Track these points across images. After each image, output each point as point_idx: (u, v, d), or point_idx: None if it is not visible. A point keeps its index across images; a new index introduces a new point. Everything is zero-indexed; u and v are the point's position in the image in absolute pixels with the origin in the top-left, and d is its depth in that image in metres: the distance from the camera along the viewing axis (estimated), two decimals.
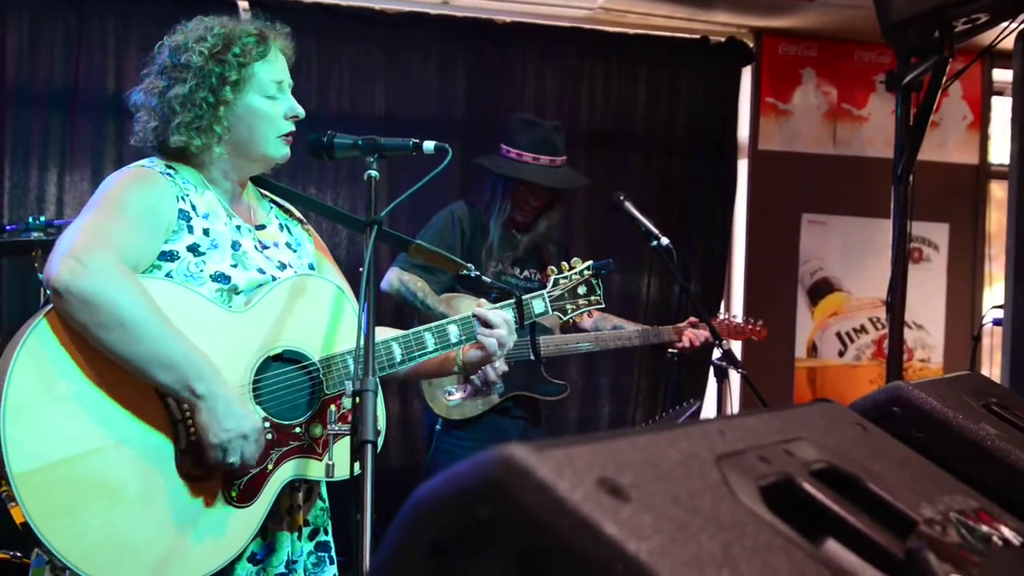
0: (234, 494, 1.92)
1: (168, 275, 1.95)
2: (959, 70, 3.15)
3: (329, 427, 1.96)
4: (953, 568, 0.74)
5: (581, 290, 2.46)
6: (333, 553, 2.18)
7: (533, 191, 3.65)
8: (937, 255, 5.61)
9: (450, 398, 3.53)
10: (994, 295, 5.50)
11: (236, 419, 1.86)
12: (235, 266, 2.02)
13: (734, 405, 4.29)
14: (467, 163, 4.78)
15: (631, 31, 5.21)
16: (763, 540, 0.67)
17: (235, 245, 2.05)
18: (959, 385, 1.47)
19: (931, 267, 5.60)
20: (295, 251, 2.20)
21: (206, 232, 2.01)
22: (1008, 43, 3.31)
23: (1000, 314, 4.26)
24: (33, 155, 4.49)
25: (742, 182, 5.42)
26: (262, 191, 2.28)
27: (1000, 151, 5.65)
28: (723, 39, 5.32)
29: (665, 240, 3.56)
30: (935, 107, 3.01)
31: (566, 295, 2.43)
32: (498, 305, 2.26)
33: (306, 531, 2.13)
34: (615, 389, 5.18)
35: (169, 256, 1.97)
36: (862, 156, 5.51)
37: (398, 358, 2.13)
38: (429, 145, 2.09)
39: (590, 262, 2.51)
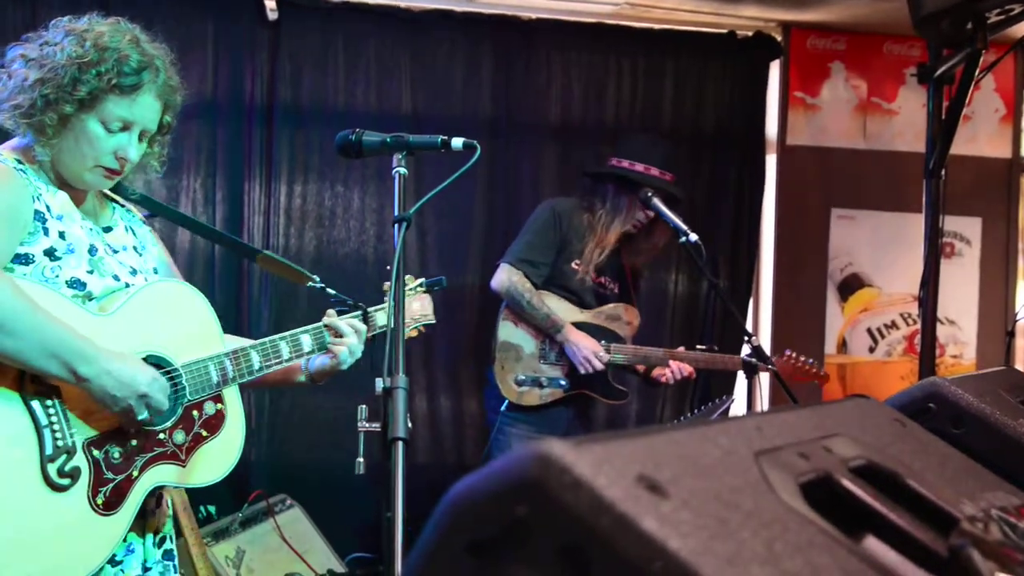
0: (100, 502, 1.88)
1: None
2: (992, 62, 3.11)
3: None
4: (998, 566, 0.73)
5: (415, 306, 2.50)
6: (177, 562, 2.17)
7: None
8: (969, 250, 5.54)
9: (520, 388, 3.66)
10: None
11: (127, 386, 1.85)
12: (92, 272, 1.96)
13: (764, 402, 4.26)
14: (493, 160, 4.80)
15: (657, 26, 5.18)
16: (805, 537, 0.66)
17: (92, 250, 1.99)
18: (995, 380, 1.44)
19: (963, 262, 5.53)
20: (141, 255, 2.15)
21: (62, 235, 1.94)
22: None
23: None
24: None
25: (770, 177, 5.38)
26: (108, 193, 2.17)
27: None
28: (750, 33, 5.28)
29: (694, 236, 3.57)
30: (967, 100, 2.97)
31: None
32: (347, 316, 2.30)
33: (156, 538, 2.10)
34: (643, 386, 5.15)
35: (24, 259, 1.88)
36: (892, 150, 5.44)
37: (256, 366, 2.14)
38: (457, 142, 2.09)
39: (423, 279, 2.54)
